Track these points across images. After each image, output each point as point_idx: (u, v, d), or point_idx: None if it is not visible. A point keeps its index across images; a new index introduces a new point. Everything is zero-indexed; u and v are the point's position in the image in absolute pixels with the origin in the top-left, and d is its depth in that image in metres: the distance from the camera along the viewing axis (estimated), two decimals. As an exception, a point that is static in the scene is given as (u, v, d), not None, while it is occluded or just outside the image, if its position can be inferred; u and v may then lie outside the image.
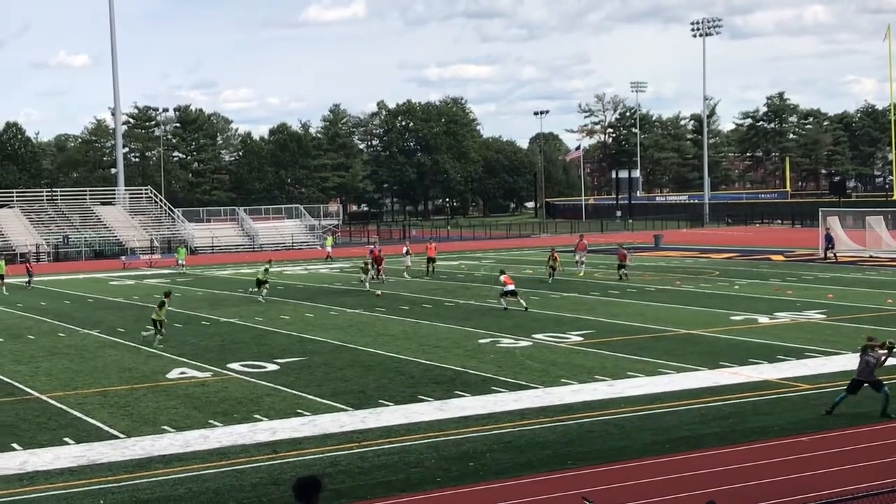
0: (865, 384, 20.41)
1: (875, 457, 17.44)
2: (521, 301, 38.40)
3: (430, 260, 56.08)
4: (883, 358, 20.47)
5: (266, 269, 46.07)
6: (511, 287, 38.74)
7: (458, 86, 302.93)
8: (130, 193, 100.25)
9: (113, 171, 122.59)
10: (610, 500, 13.91)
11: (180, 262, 64.64)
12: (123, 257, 77.51)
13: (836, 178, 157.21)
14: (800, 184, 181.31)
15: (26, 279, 55.82)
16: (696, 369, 25.75)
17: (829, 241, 60.00)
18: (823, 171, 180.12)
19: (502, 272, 40.97)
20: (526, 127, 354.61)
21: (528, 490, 16.05)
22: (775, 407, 21.50)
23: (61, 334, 35.87)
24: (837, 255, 58.89)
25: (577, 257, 54.69)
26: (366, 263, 50.81)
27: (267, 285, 45.18)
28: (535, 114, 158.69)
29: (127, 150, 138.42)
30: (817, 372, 24.87)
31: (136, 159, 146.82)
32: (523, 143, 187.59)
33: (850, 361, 25.07)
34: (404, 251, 57.88)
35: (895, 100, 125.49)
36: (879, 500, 11.86)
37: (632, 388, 23.55)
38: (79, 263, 77.21)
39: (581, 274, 52.40)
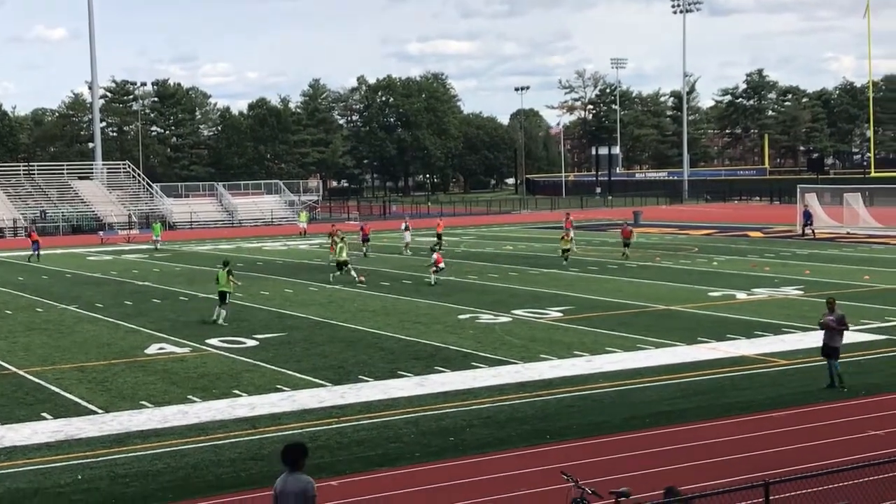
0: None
1: (850, 432, 17.57)
2: (434, 277, 40.04)
3: (439, 236, 56.36)
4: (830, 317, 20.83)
5: (340, 246, 42.12)
6: (442, 265, 40.45)
7: (439, 61, 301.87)
8: (108, 168, 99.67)
9: (90, 145, 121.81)
10: (589, 475, 13.96)
11: (155, 237, 64.26)
12: (101, 232, 77.17)
13: (815, 155, 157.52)
14: (778, 161, 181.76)
15: (31, 252, 55.56)
16: (675, 345, 25.86)
17: (808, 217, 60.28)
18: (802, 148, 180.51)
19: (433, 251, 41.85)
20: (507, 103, 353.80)
21: (507, 465, 16.11)
22: (753, 382, 21.63)
23: (39, 309, 35.69)
24: (815, 231, 59.19)
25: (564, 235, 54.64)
26: (340, 239, 48.22)
27: (348, 265, 41.56)
28: (516, 90, 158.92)
29: (104, 124, 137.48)
30: (794, 347, 25.00)
31: (114, 134, 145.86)
32: (504, 120, 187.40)
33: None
34: (403, 227, 57.23)
35: (873, 77, 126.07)
36: (854, 475, 11.96)
37: (611, 364, 23.64)
38: (56, 238, 76.70)
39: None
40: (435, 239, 55.21)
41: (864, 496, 12.50)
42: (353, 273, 40.99)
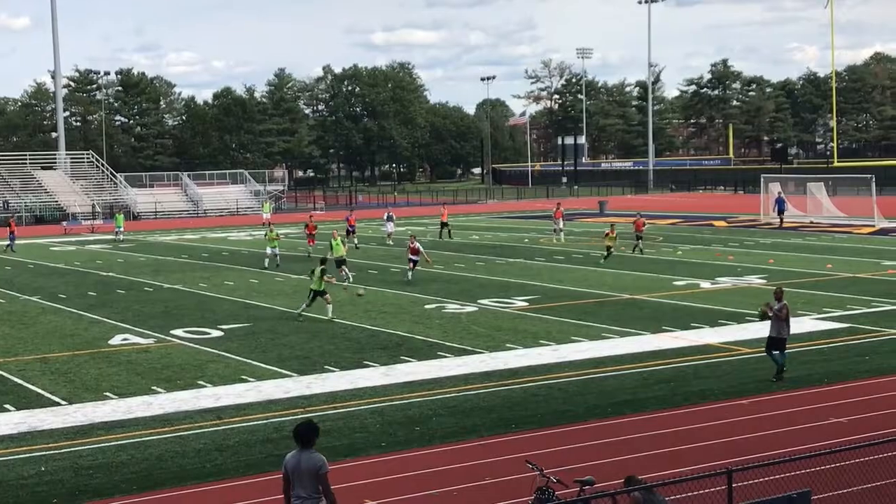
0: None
1: (812, 419, 17.74)
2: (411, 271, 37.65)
3: (444, 224, 56.34)
4: (772, 308, 20.84)
5: (337, 243, 39.15)
6: (415, 258, 37.79)
7: (405, 51, 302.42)
8: (72, 158, 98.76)
9: (54, 135, 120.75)
10: (554, 464, 14.02)
11: (118, 228, 63.52)
12: (65, 222, 76.53)
13: (778, 145, 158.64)
14: (742, 150, 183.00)
15: (7, 243, 55.01)
16: (640, 334, 25.99)
17: (782, 204, 60.41)
18: (766, 138, 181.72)
19: (414, 237, 39.36)
20: (473, 93, 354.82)
21: (472, 454, 16.14)
22: (716, 371, 21.78)
23: (1, 300, 35.36)
24: (783, 220, 59.29)
25: (555, 225, 53.54)
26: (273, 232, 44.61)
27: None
28: (482, 80, 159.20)
29: (68, 114, 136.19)
30: (757, 336, 25.03)
31: (78, 123, 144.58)
32: (470, 109, 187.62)
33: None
34: (385, 217, 56.42)
35: (836, 67, 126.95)
36: (817, 462, 12.08)
37: (576, 353, 23.73)
38: (19, 229, 75.65)
39: (563, 241, 51.57)
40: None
41: (826, 483, 12.63)
42: (345, 272, 37.91)
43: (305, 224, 49.12)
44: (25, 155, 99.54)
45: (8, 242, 55.19)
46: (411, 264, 37.71)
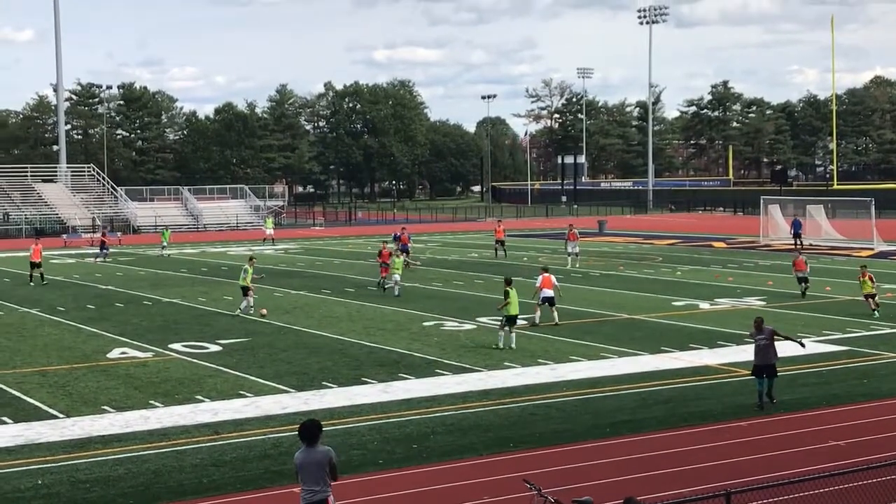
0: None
1: (812, 442, 17.72)
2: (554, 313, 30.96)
3: (500, 242, 55.52)
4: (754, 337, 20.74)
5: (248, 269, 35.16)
6: (549, 293, 31.18)
7: (407, 69, 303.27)
8: (73, 171, 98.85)
9: (55, 148, 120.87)
10: (551, 483, 13.99)
11: (164, 243, 62.50)
12: (65, 235, 76.53)
13: (778, 167, 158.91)
14: (742, 172, 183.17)
15: (98, 250, 55.96)
16: (638, 354, 25.98)
17: (798, 226, 59.77)
18: (765, 160, 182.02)
19: (545, 270, 32.75)
20: (473, 111, 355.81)
21: (470, 472, 16.11)
22: (715, 392, 21.77)
23: (0, 312, 35.34)
24: (803, 244, 58.46)
25: (568, 248, 50.28)
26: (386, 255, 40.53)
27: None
28: (483, 98, 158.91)
29: (69, 127, 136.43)
30: (757, 358, 25.11)
31: (79, 137, 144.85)
32: (470, 127, 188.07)
33: (787, 347, 25.32)
34: (393, 236, 54.29)
35: (836, 90, 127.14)
36: (816, 485, 12.06)
37: (574, 372, 23.71)
38: (19, 241, 75.86)
39: (577, 266, 48.79)
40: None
41: (823, 506, 12.60)
42: (250, 302, 34.10)
43: (379, 251, 41.88)
44: (26, 167, 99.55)
45: (101, 252, 55.94)
46: (543, 304, 31.07)
